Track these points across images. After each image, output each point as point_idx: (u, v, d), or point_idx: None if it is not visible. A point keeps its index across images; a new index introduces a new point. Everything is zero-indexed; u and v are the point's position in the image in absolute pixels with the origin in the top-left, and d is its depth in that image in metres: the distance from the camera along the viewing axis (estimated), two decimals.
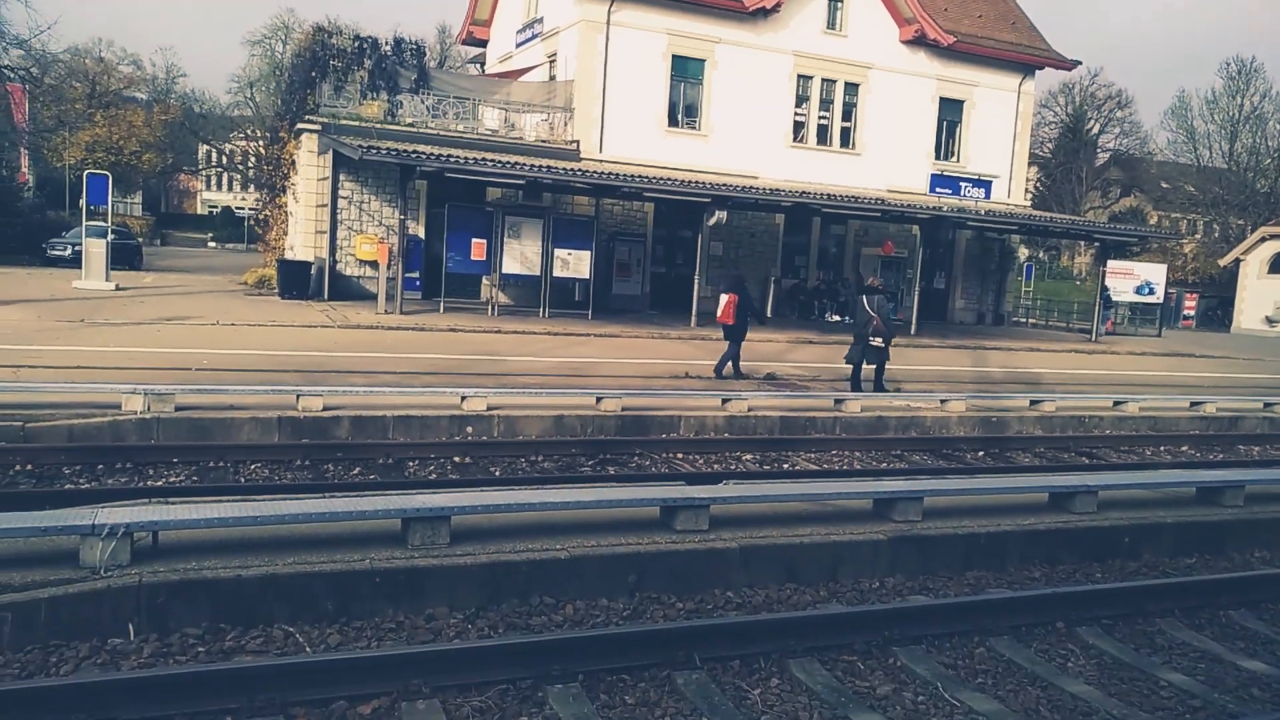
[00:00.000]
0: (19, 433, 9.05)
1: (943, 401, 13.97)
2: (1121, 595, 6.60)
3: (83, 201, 27.68)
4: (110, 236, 25.60)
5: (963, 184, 30.48)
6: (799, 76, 28.51)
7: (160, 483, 8.49)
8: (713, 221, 22.84)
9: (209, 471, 8.93)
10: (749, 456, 11.17)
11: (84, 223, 29.18)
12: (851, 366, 14.98)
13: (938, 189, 30.03)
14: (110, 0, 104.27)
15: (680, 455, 10.90)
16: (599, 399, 11.81)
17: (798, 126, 28.85)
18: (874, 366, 14.92)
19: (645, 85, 26.37)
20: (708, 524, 6.71)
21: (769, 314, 27.80)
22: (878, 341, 14.55)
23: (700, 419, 12.09)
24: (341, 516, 5.89)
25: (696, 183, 23.51)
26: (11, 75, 39.74)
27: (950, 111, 31.04)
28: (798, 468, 10.94)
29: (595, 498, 6.81)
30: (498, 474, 9.64)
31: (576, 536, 6.37)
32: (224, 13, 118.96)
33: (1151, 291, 35.47)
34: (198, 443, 9.52)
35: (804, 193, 25.00)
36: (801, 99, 28.80)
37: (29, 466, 8.49)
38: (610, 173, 23.22)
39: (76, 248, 28.12)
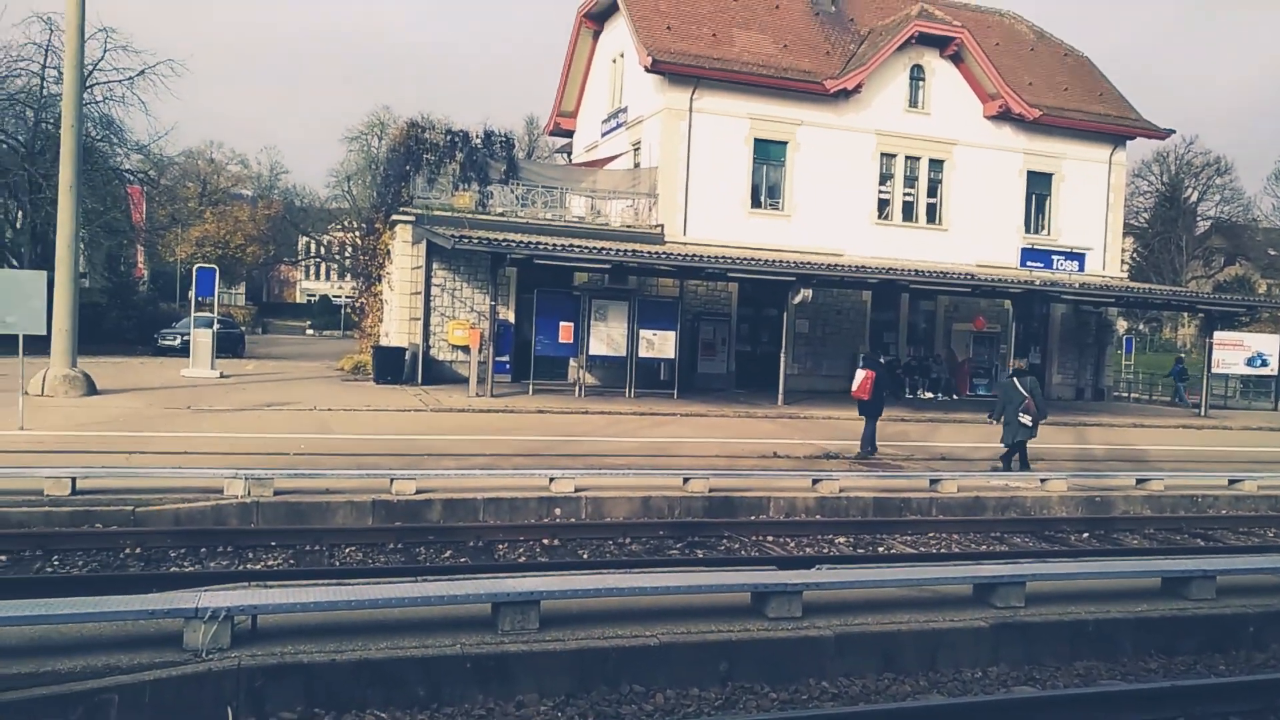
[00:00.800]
0: (130, 516, 9.40)
1: (1043, 481, 13.49)
2: (1250, 689, 6.18)
3: (191, 293, 29.11)
4: (216, 326, 26.78)
5: (1055, 257, 29.89)
6: (882, 155, 28.58)
7: (259, 565, 8.69)
8: (798, 299, 22.80)
9: (305, 554, 9.11)
10: (842, 539, 10.92)
11: (192, 314, 30.67)
12: (1006, 448, 14.96)
13: (1029, 263, 29.51)
14: (221, 105, 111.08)
15: (770, 538, 10.72)
16: (686, 480, 11.74)
17: (882, 204, 28.82)
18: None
19: (728, 168, 26.76)
20: (800, 610, 6.55)
21: None
22: (1026, 420, 14.53)
23: (790, 500, 11.91)
24: (433, 601, 5.93)
25: (780, 262, 23.57)
26: (132, 178, 42.37)
27: (1039, 185, 30.65)
28: (893, 551, 10.64)
29: (684, 583, 6.73)
30: (586, 557, 9.61)
31: (666, 622, 6.28)
32: (324, 112, 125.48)
33: (1264, 363, 33.90)
34: (295, 526, 9.74)
35: (891, 269, 24.83)
36: (885, 177, 28.82)
37: (138, 549, 8.79)
38: (694, 254, 23.47)
39: (185, 337, 29.46)
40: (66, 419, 15.49)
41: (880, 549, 10.72)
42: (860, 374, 15.83)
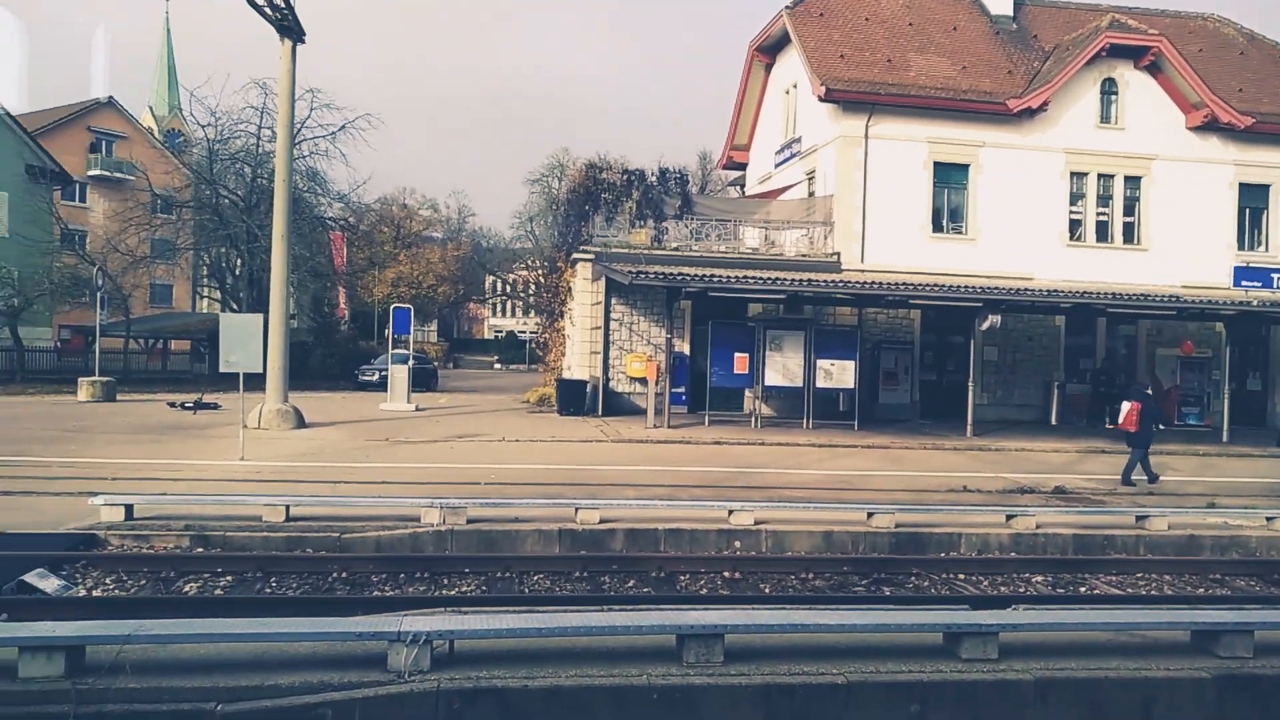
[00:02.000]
0: (336, 542, 10.03)
1: (1269, 519, 12.35)
2: None
3: (388, 331, 30.89)
4: (411, 362, 28.31)
5: (1274, 275, 27.48)
6: (1072, 174, 27.17)
7: (454, 591, 9.07)
8: (985, 326, 21.91)
9: (496, 581, 9.45)
10: (1039, 579, 10.35)
11: (389, 350, 32.55)
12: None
13: (1243, 282, 27.24)
14: (413, 154, 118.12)
15: (961, 576, 10.29)
16: (870, 514, 11.45)
17: (1074, 225, 27.37)
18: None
19: (906, 194, 26.13)
20: (997, 652, 6.24)
21: (1053, 420, 26.10)
22: None
23: (982, 537, 11.40)
24: (620, 630, 6.02)
25: (965, 287, 22.73)
26: (334, 225, 45.59)
27: (1253, 198, 28.29)
28: (1096, 592, 9.98)
29: (872, 621, 6.55)
30: (768, 591, 9.51)
31: (852, 660, 6.13)
32: (507, 157, 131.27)
33: None
34: (486, 554, 10.11)
35: (1085, 293, 23.49)
36: (1076, 196, 27.37)
37: (344, 573, 9.36)
38: (873, 282, 22.99)
39: (383, 373, 31.29)
40: (279, 450, 16.73)
41: (1082, 589, 10.09)
42: (1126, 406, 16.26)
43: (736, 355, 22.83)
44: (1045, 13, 30.39)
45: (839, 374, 23.13)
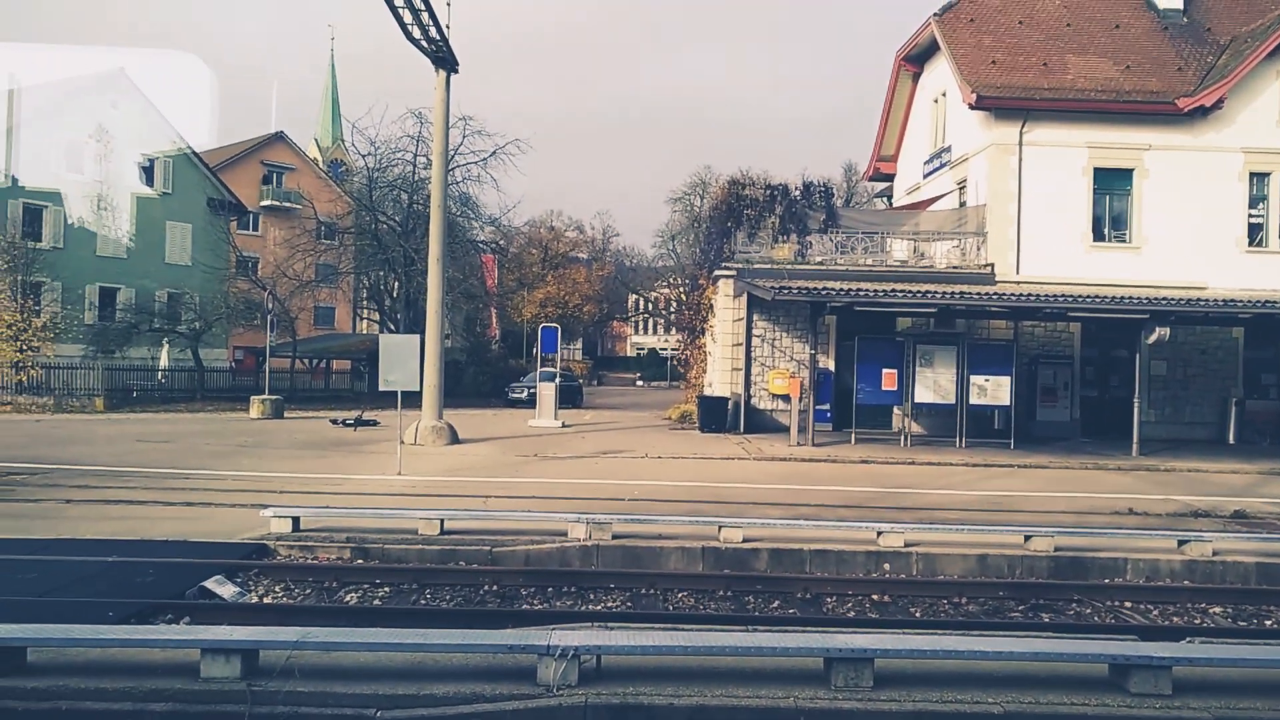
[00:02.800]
0: (488, 556, 10.32)
1: None
2: None
3: (536, 350, 31.67)
4: (558, 380, 28.93)
5: None
6: (1251, 175, 25.35)
7: (600, 607, 9.17)
8: (1153, 339, 20.68)
9: (641, 598, 9.51)
10: (1217, 609, 9.64)
11: (537, 368, 33.37)
12: None
13: None
14: (560, 177, 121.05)
15: (1128, 604, 9.70)
16: (1028, 537, 10.94)
17: (1254, 229, 25.51)
18: None
19: (1064, 202, 24.98)
20: (1170, 688, 5.85)
21: (1231, 439, 24.40)
22: None
23: (1151, 563, 10.72)
24: (765, 652, 5.96)
25: (1130, 298, 21.51)
26: (485, 248, 47.22)
27: None
28: None
29: (1030, 649, 6.25)
30: (918, 615, 9.22)
31: (1009, 690, 5.86)
32: (650, 176, 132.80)
33: None
34: (631, 570, 10.19)
35: (1268, 302, 21.83)
36: (1257, 199, 25.52)
37: (495, 586, 9.61)
38: (1029, 294, 22.06)
39: (531, 390, 32.10)
40: (434, 465, 17.37)
41: (1268, 622, 9.34)
42: None
43: (884, 371, 22.30)
44: (1220, 3, 28.51)
45: (993, 390, 22.27)
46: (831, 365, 24.80)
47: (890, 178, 34.79)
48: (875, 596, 9.70)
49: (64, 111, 34.76)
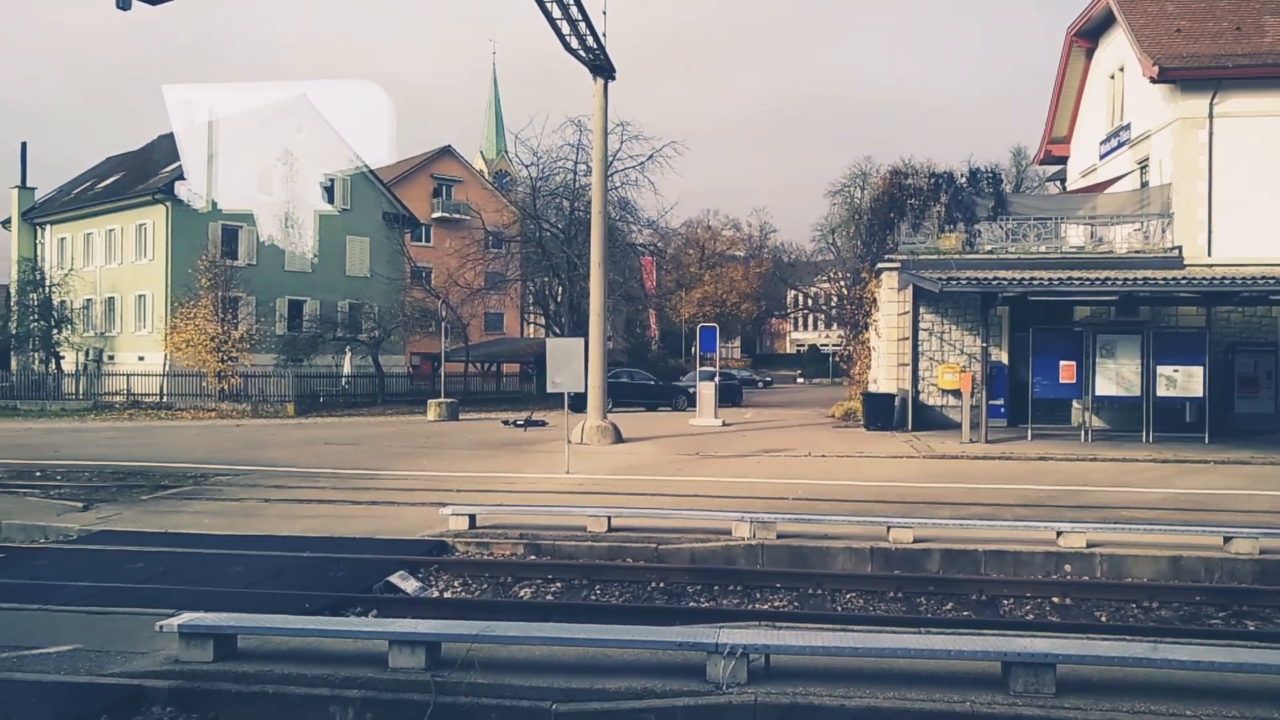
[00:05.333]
0: (654, 553, 10.47)
1: None
2: None
3: (695, 349, 31.79)
4: (717, 379, 28.96)
5: None
6: None
7: (766, 606, 9.15)
8: None
9: (808, 598, 9.42)
10: None
11: (696, 368, 33.52)
12: None
13: None
14: (716, 176, 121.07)
15: None
16: (1227, 539, 10.19)
17: None
18: None
19: (1262, 177, 23.05)
20: None
21: None
22: None
23: None
24: (939, 654, 5.80)
25: None
26: (644, 250, 47.80)
27: None
28: None
29: (1233, 659, 5.83)
30: (1104, 620, 8.74)
31: (1208, 703, 5.48)
32: (807, 170, 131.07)
33: None
34: (797, 570, 10.12)
35: None
36: None
37: (661, 584, 9.74)
38: (1224, 277, 20.51)
39: (691, 390, 32.27)
40: (600, 464, 17.74)
41: None
42: None
43: (1062, 363, 21.22)
44: None
45: (1184, 381, 20.81)
46: (1004, 358, 23.80)
47: (1063, 160, 33.06)
48: (1056, 599, 9.26)
49: (254, 139, 37.43)
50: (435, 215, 57.46)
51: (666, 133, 55.63)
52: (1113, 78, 27.84)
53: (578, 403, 20.63)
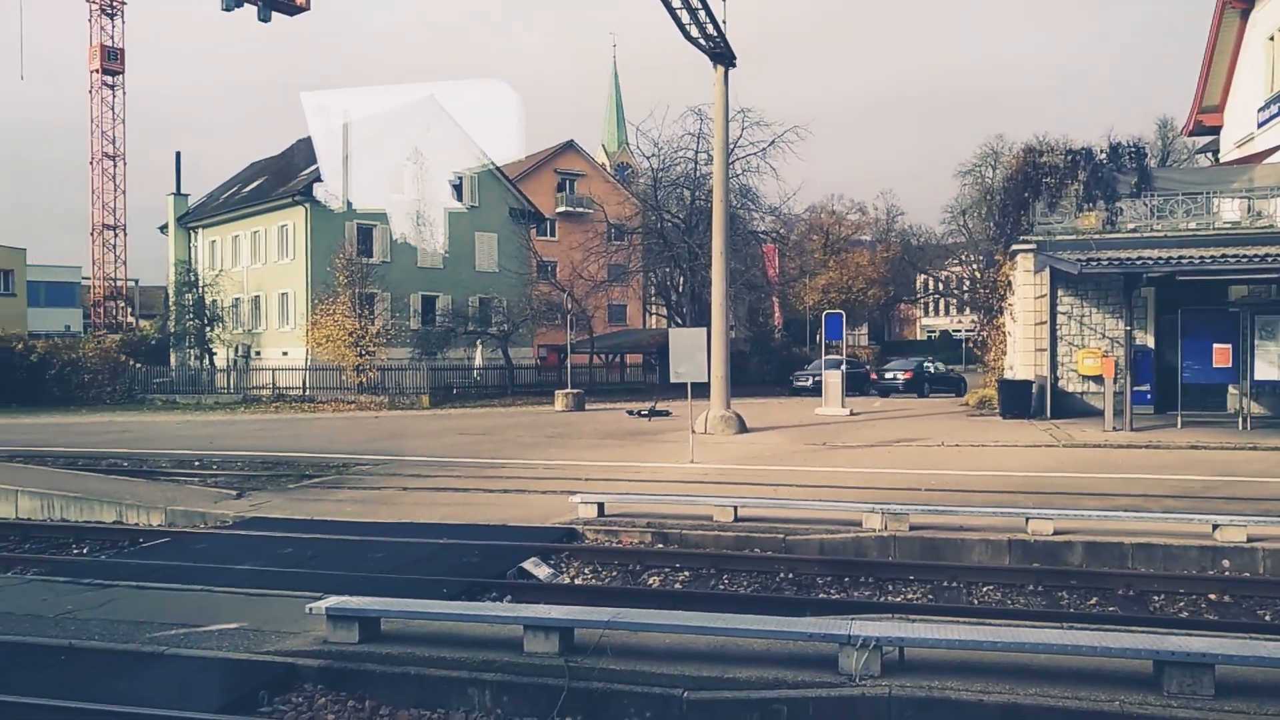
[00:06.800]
0: (782, 544, 10.39)
1: None
2: None
3: (820, 337, 31.35)
4: (844, 367, 28.49)
5: None
6: None
7: (899, 599, 8.97)
8: None
9: (942, 590, 9.19)
10: None
11: (822, 356, 33.06)
12: None
13: None
14: (840, 159, 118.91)
15: None
16: None
17: None
18: None
19: None
20: None
21: None
22: None
23: None
24: (1083, 651, 5.57)
25: None
26: (766, 238, 47.35)
27: None
28: None
29: None
30: (1268, 619, 8.22)
31: None
32: (936, 150, 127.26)
33: None
34: (930, 562, 9.87)
35: None
36: None
37: (790, 574, 9.67)
38: None
39: (817, 378, 31.90)
40: (724, 454, 17.70)
41: None
42: None
43: (1215, 347, 19.99)
44: None
45: None
46: (1150, 342, 22.60)
47: (1215, 130, 31.08)
48: (1213, 596, 8.76)
49: (386, 140, 38.77)
50: (559, 210, 58.33)
51: (789, 118, 55.02)
52: (1272, 39, 25.99)
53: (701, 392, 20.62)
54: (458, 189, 43.72)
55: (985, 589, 9.18)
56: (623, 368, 51.12)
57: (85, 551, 11.55)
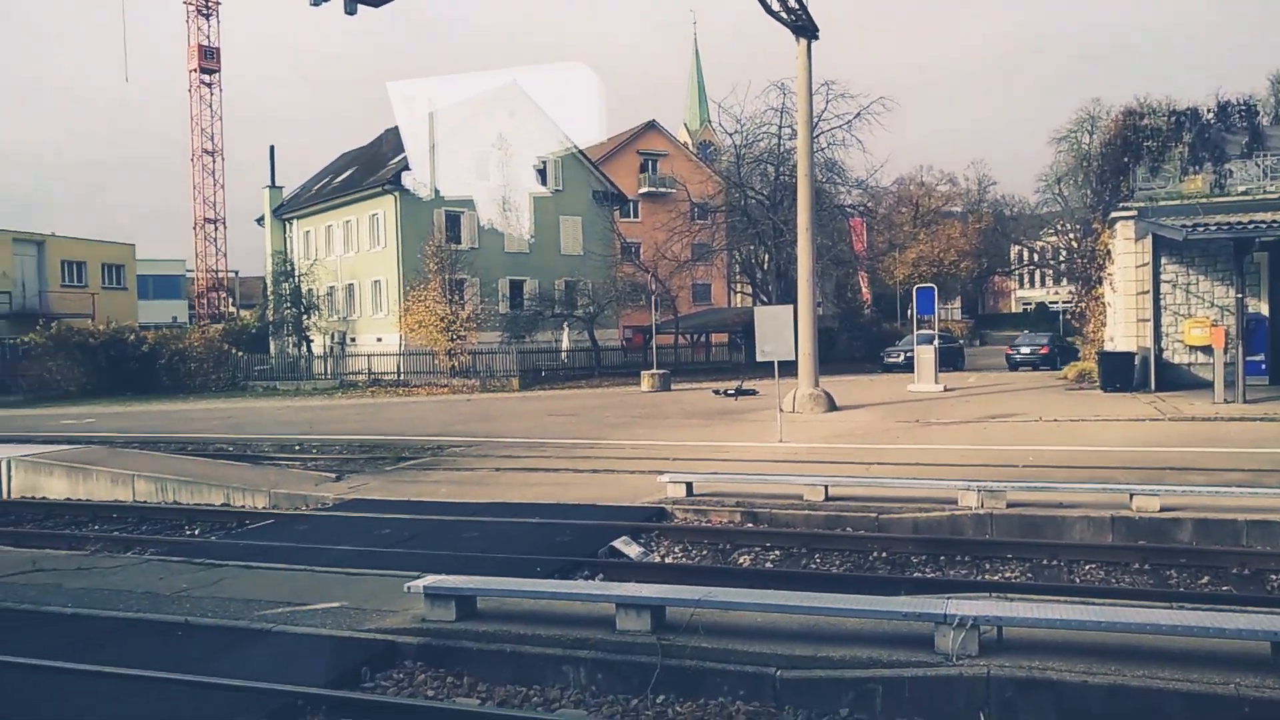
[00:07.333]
0: (874, 523, 10.25)
1: None
2: None
3: (911, 312, 30.73)
4: (936, 342, 27.88)
5: None
6: None
7: (996, 577, 8.77)
8: None
9: (1042, 569, 8.95)
10: None
11: (913, 331, 32.44)
12: None
13: None
14: (929, 130, 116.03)
15: None
16: None
17: None
18: None
19: None
20: None
21: None
22: None
23: None
24: (1195, 631, 5.36)
25: None
26: (853, 212, 46.56)
27: None
28: None
29: None
30: None
31: None
32: (1028, 117, 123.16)
33: None
34: (1029, 540, 9.62)
35: None
36: None
37: (884, 553, 9.53)
38: None
39: (908, 354, 31.28)
40: (813, 432, 17.53)
41: None
42: None
43: None
44: None
45: None
46: (1264, 309, 21.54)
47: None
48: None
49: (470, 127, 39.29)
50: (642, 190, 58.31)
51: (874, 89, 53.92)
52: None
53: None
54: (542, 174, 44.05)
55: (1087, 567, 8.92)
56: (708, 347, 50.99)
57: (196, 533, 12.06)
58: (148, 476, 14.38)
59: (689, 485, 11.56)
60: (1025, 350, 35.87)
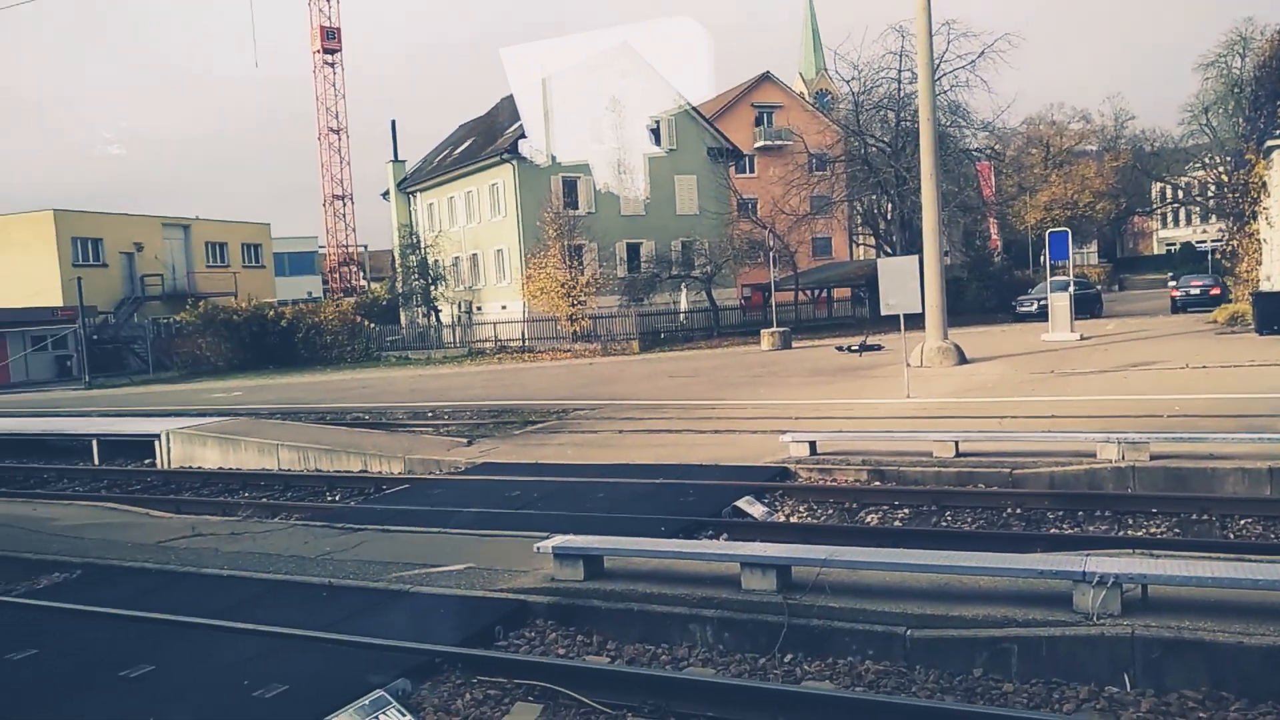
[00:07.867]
0: (1008, 478, 9.92)
1: None
2: None
3: (1044, 258, 29.41)
4: (1072, 288, 26.65)
5: None
6: None
7: (1140, 533, 8.39)
8: None
9: (1190, 524, 8.51)
10: None
11: (1047, 278, 31.08)
12: None
13: None
14: (1060, 65, 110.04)
15: None
16: None
17: None
18: None
19: None
20: None
21: None
22: None
23: None
24: None
25: None
26: (980, 155, 44.77)
27: None
28: None
29: None
30: None
31: None
32: (1168, 43, 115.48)
33: None
34: (1176, 493, 9.15)
35: None
36: None
37: (1017, 510, 9.23)
38: None
39: (1041, 302, 30.03)
40: (942, 386, 17.05)
41: None
42: None
43: None
44: None
45: None
46: None
47: None
48: None
49: (584, 91, 39.37)
50: (758, 145, 57.39)
51: (998, 26, 51.32)
52: None
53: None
54: (655, 133, 43.87)
55: (1242, 522, 8.42)
56: (830, 303, 50.11)
57: (337, 498, 12.64)
58: (290, 445, 15.13)
59: (812, 444, 11.43)
60: (1195, 289, 33.79)
